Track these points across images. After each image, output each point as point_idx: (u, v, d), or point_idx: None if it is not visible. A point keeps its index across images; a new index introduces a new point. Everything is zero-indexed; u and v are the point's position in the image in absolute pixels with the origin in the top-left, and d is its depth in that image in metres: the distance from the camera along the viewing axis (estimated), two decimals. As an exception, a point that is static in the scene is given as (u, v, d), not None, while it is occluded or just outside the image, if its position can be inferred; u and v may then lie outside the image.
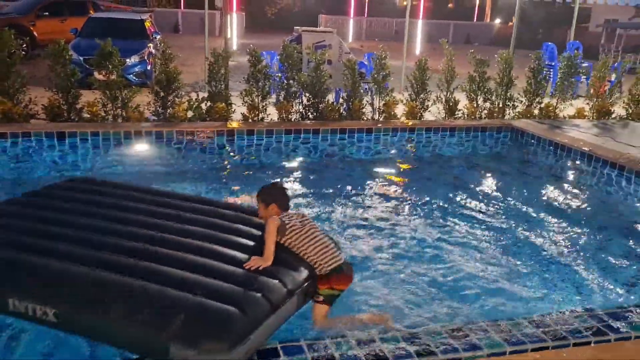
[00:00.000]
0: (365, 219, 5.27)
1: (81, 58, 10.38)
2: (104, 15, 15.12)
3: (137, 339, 2.67)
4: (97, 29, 12.33)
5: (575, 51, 9.97)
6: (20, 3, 18.80)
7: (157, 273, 2.95)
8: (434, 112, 8.85)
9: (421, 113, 8.63)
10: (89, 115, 7.25)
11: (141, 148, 6.77)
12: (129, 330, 2.68)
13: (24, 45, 7.09)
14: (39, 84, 7.62)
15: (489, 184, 6.98)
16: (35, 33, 15.69)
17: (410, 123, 8.07)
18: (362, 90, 8.45)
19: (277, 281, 3.02)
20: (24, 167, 6.28)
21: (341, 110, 8.25)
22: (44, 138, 6.43)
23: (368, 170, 7.07)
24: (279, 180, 5.91)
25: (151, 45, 12.62)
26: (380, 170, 7.12)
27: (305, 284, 3.21)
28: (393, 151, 7.70)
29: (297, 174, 6.75)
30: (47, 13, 16.90)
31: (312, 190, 5.99)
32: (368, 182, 6.59)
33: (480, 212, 5.65)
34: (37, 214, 3.71)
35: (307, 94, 8.12)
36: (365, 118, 8.29)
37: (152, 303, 2.74)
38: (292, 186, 6.12)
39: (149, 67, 11.79)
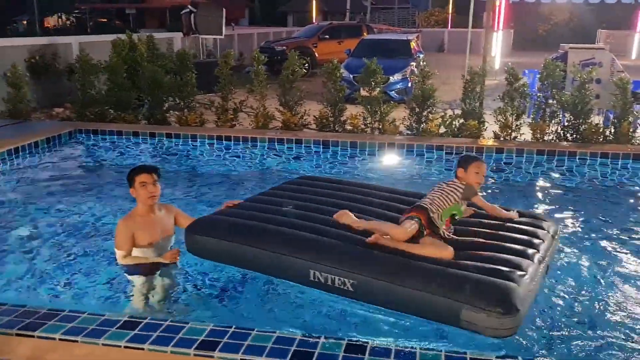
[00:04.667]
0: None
1: (351, 76, 11.54)
2: (374, 37, 16.48)
3: (430, 305, 3.01)
4: (367, 49, 13.53)
5: None
6: (307, 28, 21.73)
7: None
8: None
9: None
10: (350, 127, 8.07)
11: (391, 159, 7.24)
12: (423, 298, 3.02)
13: (305, 64, 8.26)
14: (313, 98, 8.75)
15: None
16: (316, 54, 17.91)
17: (694, 151, 6.94)
18: (635, 112, 7.59)
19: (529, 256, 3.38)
20: (290, 166, 7.22)
21: (607, 133, 7.54)
22: (312, 145, 7.40)
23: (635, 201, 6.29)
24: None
25: (414, 64, 13.26)
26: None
27: (547, 256, 3.52)
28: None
29: (546, 196, 6.41)
30: (327, 36, 19.22)
31: (566, 218, 5.58)
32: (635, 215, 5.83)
33: None
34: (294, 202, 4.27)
35: (568, 114, 7.65)
36: (635, 143, 7.43)
37: (441, 276, 3.07)
38: (539, 208, 5.86)
39: (409, 85, 12.43)
